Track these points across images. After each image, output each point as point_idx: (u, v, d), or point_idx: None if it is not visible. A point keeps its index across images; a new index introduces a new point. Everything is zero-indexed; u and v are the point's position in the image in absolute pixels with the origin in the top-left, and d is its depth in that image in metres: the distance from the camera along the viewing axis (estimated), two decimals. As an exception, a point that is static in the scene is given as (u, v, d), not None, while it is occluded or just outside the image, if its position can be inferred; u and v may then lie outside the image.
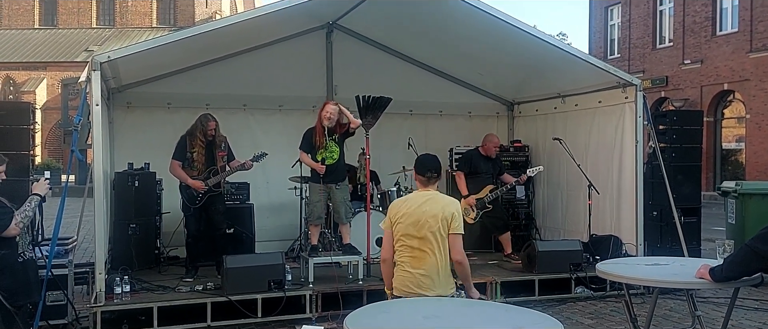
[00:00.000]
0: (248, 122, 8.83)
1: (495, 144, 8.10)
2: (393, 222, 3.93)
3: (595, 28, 27.85)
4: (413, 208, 3.89)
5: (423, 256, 3.83)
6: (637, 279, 4.21)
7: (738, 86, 21.04)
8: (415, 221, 3.84)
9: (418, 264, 3.84)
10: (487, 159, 8.09)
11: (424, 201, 3.89)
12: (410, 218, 3.86)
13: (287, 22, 7.75)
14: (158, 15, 41.83)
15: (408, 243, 3.87)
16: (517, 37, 7.32)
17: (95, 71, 5.81)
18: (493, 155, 8.09)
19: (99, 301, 5.74)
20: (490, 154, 8.08)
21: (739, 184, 8.41)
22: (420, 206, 3.87)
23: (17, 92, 36.97)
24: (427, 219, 3.82)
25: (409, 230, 3.85)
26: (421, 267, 3.83)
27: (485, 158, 8.09)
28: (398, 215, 3.91)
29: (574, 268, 7.11)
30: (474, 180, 8.02)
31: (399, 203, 4.04)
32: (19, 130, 5.90)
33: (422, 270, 3.83)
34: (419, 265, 3.84)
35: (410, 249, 3.87)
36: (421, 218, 3.83)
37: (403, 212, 3.90)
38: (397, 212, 3.93)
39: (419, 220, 3.83)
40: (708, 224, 9.48)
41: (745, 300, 6.76)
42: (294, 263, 7.44)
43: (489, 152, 8.08)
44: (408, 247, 3.87)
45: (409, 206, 3.91)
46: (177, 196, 7.10)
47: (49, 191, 4.61)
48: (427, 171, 3.99)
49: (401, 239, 3.90)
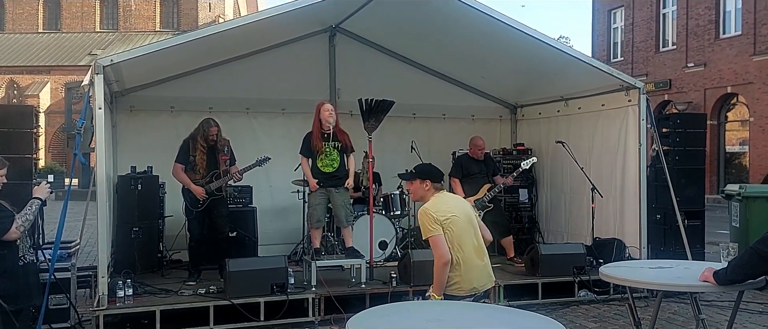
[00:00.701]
0: (251, 125, 8.83)
1: (479, 147, 8.19)
2: (445, 223, 3.95)
3: (598, 31, 27.83)
4: (458, 206, 4.10)
5: (482, 248, 4.09)
6: (640, 283, 4.19)
7: (741, 89, 21.00)
8: (467, 216, 4.06)
9: (483, 256, 4.09)
10: (477, 161, 8.19)
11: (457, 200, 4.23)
12: (462, 213, 4.04)
13: (290, 25, 7.76)
14: (161, 19, 41.97)
15: (471, 239, 4.03)
16: (520, 40, 7.32)
17: (98, 75, 5.82)
18: (480, 157, 8.18)
19: (102, 305, 5.73)
20: (477, 156, 8.17)
21: (742, 187, 8.38)
22: (459, 204, 4.13)
23: (21, 96, 37.09)
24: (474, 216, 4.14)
25: (467, 226, 4.02)
26: (484, 258, 4.09)
27: (475, 160, 8.19)
28: (448, 214, 3.98)
29: (577, 271, 7.09)
30: (469, 183, 8.10)
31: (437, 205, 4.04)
32: (22, 133, 5.91)
33: (484, 260, 4.09)
34: (482, 256, 4.09)
35: (474, 244, 4.04)
36: (470, 214, 4.11)
37: (452, 212, 4.01)
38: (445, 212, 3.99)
39: (469, 215, 4.08)
40: (712, 227, 9.45)
41: (750, 304, 6.73)
42: (297, 266, 7.43)
43: (476, 155, 8.17)
44: (472, 243, 4.03)
45: (453, 205, 4.08)
46: (180, 199, 7.11)
47: (51, 194, 4.62)
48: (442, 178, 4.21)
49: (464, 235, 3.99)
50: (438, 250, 3.92)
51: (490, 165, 8.30)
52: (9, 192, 4.41)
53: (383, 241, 7.94)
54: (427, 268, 6.33)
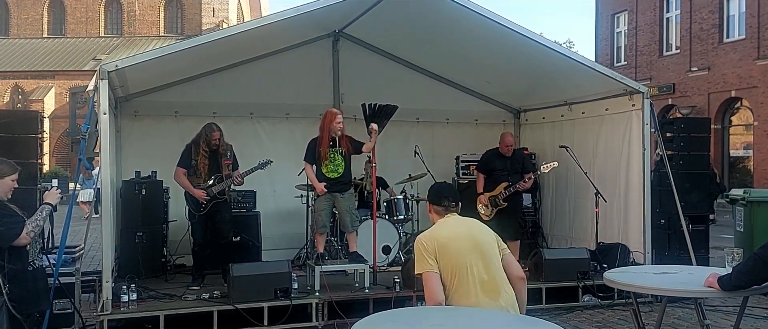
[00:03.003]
0: (255, 130, 8.86)
1: (506, 143, 7.92)
2: (439, 255, 3.31)
3: (602, 35, 27.82)
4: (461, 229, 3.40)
5: (495, 282, 3.32)
6: (645, 288, 4.18)
7: (745, 93, 20.96)
8: (473, 242, 3.33)
9: (496, 294, 3.30)
10: (503, 158, 7.92)
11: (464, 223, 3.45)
12: (465, 237, 3.34)
13: (294, 30, 7.78)
14: (166, 24, 42.05)
15: (475, 273, 3.29)
16: (523, 44, 7.32)
17: (103, 80, 5.84)
18: (507, 153, 7.91)
19: (106, 309, 5.75)
20: (504, 152, 7.92)
21: (747, 192, 8.35)
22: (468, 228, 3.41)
23: (25, 101, 37.17)
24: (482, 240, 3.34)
25: (471, 258, 3.29)
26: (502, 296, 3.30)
27: (502, 156, 7.94)
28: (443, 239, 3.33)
29: (581, 276, 7.07)
30: (491, 179, 7.88)
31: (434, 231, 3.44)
32: (28, 138, 5.94)
33: (504, 299, 3.31)
34: (498, 294, 3.30)
35: (481, 278, 3.31)
36: (480, 239, 3.35)
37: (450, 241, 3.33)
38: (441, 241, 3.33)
39: (477, 241, 3.33)
40: (716, 232, 9.43)
41: (755, 309, 6.70)
42: (300, 271, 7.42)
43: (504, 151, 7.93)
44: (476, 278, 3.29)
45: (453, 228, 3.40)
46: (183, 204, 7.13)
47: (60, 198, 4.63)
48: (443, 199, 3.53)
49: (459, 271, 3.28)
50: (428, 290, 3.29)
51: (518, 162, 7.94)
52: (16, 197, 4.42)
53: (387, 246, 7.93)
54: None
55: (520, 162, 8.00)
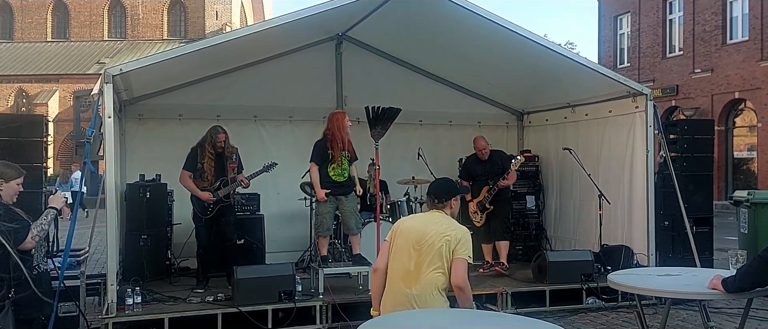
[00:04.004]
0: (259, 132, 8.87)
1: (479, 147, 8.00)
2: (395, 235, 3.86)
3: (605, 37, 27.81)
4: (420, 224, 3.84)
5: (418, 274, 3.68)
6: (649, 290, 4.18)
7: (749, 95, 20.92)
8: (420, 236, 3.72)
9: (412, 283, 3.68)
10: (482, 162, 8.00)
11: (433, 220, 3.82)
12: (414, 232, 3.77)
13: (297, 33, 7.79)
14: (169, 27, 42.20)
15: (406, 259, 3.73)
16: (526, 47, 7.33)
17: (108, 84, 5.86)
18: (483, 157, 7.98)
19: (111, 312, 5.76)
20: (480, 157, 8.00)
21: (751, 193, 8.34)
22: (427, 223, 3.79)
23: (30, 104, 37.33)
24: (432, 237, 3.69)
25: (410, 245, 3.73)
26: (415, 286, 3.66)
27: (480, 161, 8.02)
28: (402, 228, 3.86)
29: (585, 279, 7.07)
30: (475, 184, 7.95)
31: (407, 218, 4.07)
32: (33, 142, 5.96)
33: (417, 289, 3.66)
34: (414, 284, 3.67)
35: (407, 265, 3.72)
36: (426, 235, 3.71)
37: (408, 226, 3.86)
38: (402, 224, 3.90)
39: (424, 236, 3.71)
40: (720, 233, 9.41)
41: (759, 311, 6.68)
42: (304, 274, 7.44)
43: (480, 156, 8.01)
44: (405, 263, 3.73)
45: (415, 222, 3.92)
46: (188, 207, 7.14)
47: (65, 202, 4.65)
48: (429, 195, 4.03)
49: (399, 253, 3.78)
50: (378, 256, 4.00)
51: (497, 164, 7.94)
52: (22, 201, 4.44)
53: (390, 248, 7.91)
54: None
55: (500, 164, 7.97)
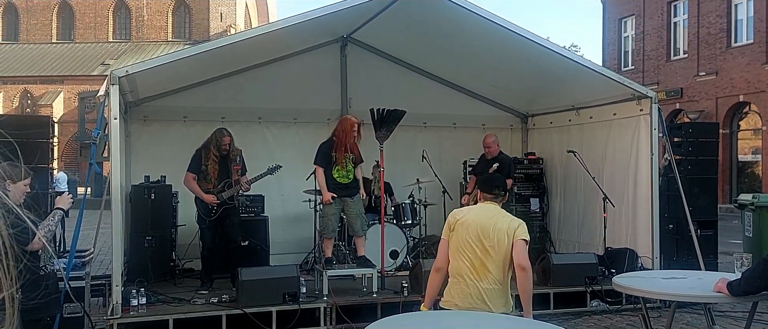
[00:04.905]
0: (263, 135, 8.89)
1: (485, 144, 8.11)
2: (452, 230, 3.79)
3: (609, 39, 27.76)
4: (480, 217, 3.76)
5: (486, 268, 3.68)
6: (654, 293, 4.18)
7: (754, 98, 20.86)
8: (483, 230, 3.70)
9: (480, 276, 3.68)
10: (488, 161, 8.06)
11: (492, 212, 3.81)
12: (475, 227, 3.72)
13: (302, 36, 7.81)
14: (174, 29, 42.28)
15: (470, 254, 3.71)
16: (530, 49, 7.33)
17: (113, 85, 5.88)
18: (489, 155, 8.07)
19: (115, 313, 5.78)
20: (487, 154, 8.09)
21: (756, 196, 8.32)
22: (488, 216, 3.77)
23: (35, 106, 37.43)
24: (495, 230, 3.69)
25: (474, 239, 3.70)
26: (484, 279, 3.67)
27: (487, 160, 8.09)
28: (461, 222, 3.77)
29: (589, 281, 7.07)
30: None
31: (462, 211, 3.93)
32: (39, 144, 5.98)
33: (486, 282, 3.67)
34: (483, 277, 3.68)
35: (472, 260, 3.70)
36: (489, 228, 3.70)
37: (467, 221, 3.77)
38: (460, 219, 3.80)
39: (487, 229, 3.70)
40: (725, 237, 9.39)
41: (764, 315, 6.66)
42: (308, 275, 7.45)
43: (487, 154, 8.11)
44: (470, 258, 3.70)
45: (474, 215, 3.81)
46: (192, 209, 7.16)
47: (71, 203, 4.67)
48: (493, 189, 3.92)
49: (462, 248, 3.73)
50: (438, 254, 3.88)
51: (503, 166, 7.85)
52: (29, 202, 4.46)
53: (394, 250, 7.95)
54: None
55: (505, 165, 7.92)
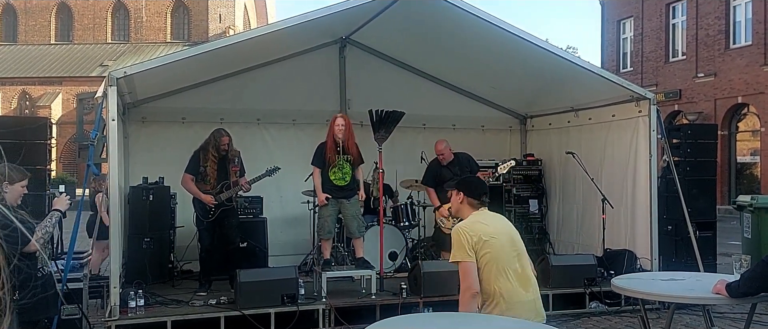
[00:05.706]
0: (262, 136, 8.89)
1: (438, 150, 7.76)
2: (478, 250, 3.39)
3: (608, 41, 27.78)
4: (500, 227, 3.50)
5: (528, 277, 3.48)
6: (653, 294, 4.17)
7: (752, 99, 20.88)
8: (510, 238, 3.47)
9: (528, 287, 3.44)
10: (447, 166, 7.72)
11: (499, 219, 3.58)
12: (503, 234, 3.45)
13: (301, 37, 7.81)
14: (172, 30, 42.29)
15: (514, 265, 3.43)
16: (529, 51, 7.33)
17: (111, 87, 5.87)
18: (445, 160, 7.73)
19: (113, 315, 5.76)
20: (441, 161, 7.75)
21: (754, 198, 8.32)
22: (503, 223, 3.53)
23: (33, 107, 37.40)
24: (517, 235, 3.53)
25: (509, 249, 3.44)
26: (530, 289, 3.44)
27: (445, 166, 7.75)
28: (488, 236, 3.40)
29: (588, 283, 7.06)
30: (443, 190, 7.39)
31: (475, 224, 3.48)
32: (37, 145, 5.97)
33: (532, 292, 3.45)
34: (529, 287, 3.44)
35: (517, 272, 3.44)
36: (513, 235, 3.51)
37: (493, 231, 3.43)
38: (484, 233, 3.40)
39: (512, 237, 3.48)
40: (723, 238, 9.39)
41: (763, 316, 6.66)
42: (307, 277, 7.44)
43: (441, 160, 7.76)
44: (512, 271, 3.42)
45: (494, 228, 3.47)
46: (191, 210, 7.15)
47: (69, 205, 4.66)
48: (482, 195, 3.61)
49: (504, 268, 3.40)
50: (466, 280, 3.36)
51: (465, 168, 7.69)
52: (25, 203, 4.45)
53: (393, 252, 7.93)
54: (437, 279, 6.34)
55: (468, 166, 7.78)
